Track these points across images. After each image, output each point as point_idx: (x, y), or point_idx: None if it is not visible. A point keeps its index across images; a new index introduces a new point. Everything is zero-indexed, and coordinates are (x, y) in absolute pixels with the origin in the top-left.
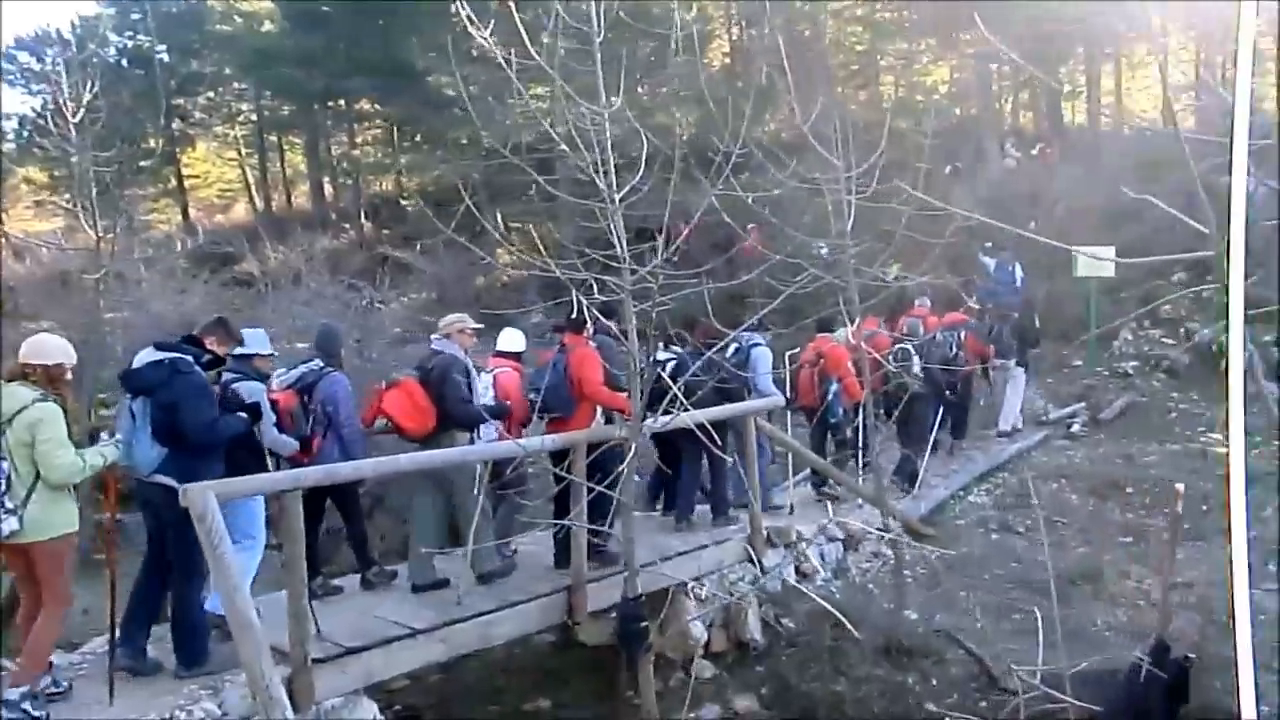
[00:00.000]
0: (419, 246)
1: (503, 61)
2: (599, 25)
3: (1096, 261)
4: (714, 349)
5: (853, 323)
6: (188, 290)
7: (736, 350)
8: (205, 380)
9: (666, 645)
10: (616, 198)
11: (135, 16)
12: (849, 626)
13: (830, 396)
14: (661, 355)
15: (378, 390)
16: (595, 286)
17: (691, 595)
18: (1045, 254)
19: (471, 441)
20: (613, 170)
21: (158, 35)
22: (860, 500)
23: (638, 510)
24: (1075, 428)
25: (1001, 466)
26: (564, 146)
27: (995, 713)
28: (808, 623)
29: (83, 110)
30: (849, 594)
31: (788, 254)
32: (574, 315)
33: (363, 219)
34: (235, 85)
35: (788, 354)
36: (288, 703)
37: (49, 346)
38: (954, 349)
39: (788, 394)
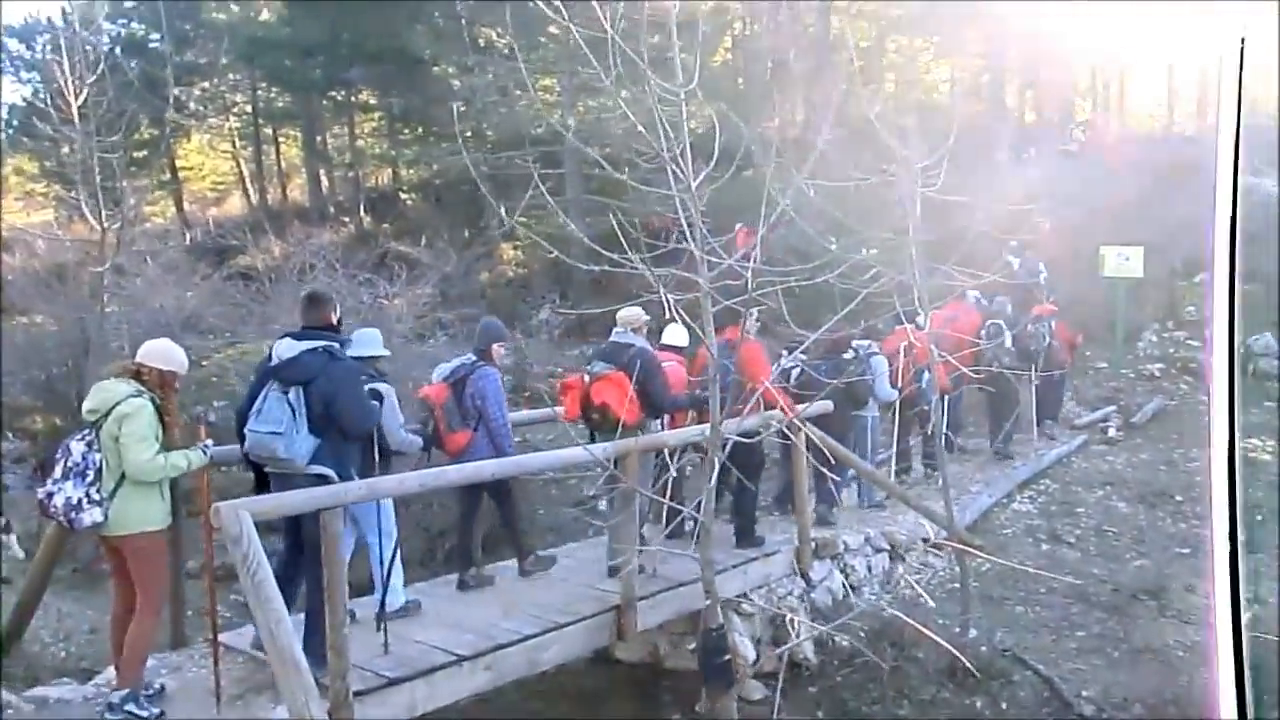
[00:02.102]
0: (422, 240)
1: (565, 22)
2: None
3: (1124, 262)
4: (797, 351)
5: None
6: (187, 284)
7: (854, 358)
8: (358, 366)
9: None
10: (693, 184)
11: (129, 4)
12: (934, 637)
13: (924, 385)
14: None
15: (572, 384)
16: (657, 281)
17: (739, 612)
18: (1068, 254)
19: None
20: (689, 154)
21: (153, 23)
22: (920, 500)
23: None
24: (1111, 432)
25: (1043, 473)
26: (641, 129)
27: None
28: (864, 640)
29: (86, 90)
30: (901, 609)
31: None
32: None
33: (362, 212)
34: (230, 76)
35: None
36: None
37: (167, 352)
38: (1046, 339)
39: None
